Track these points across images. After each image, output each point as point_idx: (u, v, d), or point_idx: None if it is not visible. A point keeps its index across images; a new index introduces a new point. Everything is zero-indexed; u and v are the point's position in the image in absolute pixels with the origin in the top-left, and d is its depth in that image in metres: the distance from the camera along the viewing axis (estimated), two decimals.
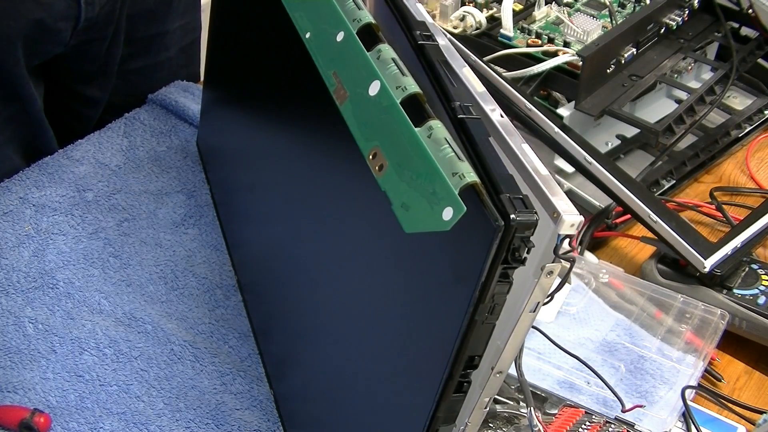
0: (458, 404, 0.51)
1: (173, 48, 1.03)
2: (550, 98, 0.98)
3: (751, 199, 0.96)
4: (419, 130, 0.50)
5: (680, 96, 1.01)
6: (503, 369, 0.52)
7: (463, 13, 1.02)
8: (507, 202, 0.45)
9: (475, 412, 0.54)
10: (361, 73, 0.55)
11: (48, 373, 0.72)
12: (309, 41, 0.62)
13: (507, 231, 0.45)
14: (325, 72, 0.59)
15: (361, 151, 0.54)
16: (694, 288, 0.81)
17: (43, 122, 0.94)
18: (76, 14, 0.88)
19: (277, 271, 0.75)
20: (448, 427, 0.52)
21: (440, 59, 0.56)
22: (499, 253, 0.45)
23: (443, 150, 0.49)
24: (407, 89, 0.52)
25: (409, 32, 0.58)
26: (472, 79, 0.56)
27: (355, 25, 0.58)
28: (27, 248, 0.82)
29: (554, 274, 0.48)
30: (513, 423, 0.69)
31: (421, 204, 0.49)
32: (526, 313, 0.49)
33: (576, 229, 0.47)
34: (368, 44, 0.56)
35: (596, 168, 0.84)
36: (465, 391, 0.51)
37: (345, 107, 0.56)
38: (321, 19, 0.61)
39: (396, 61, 0.54)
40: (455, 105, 0.52)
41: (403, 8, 0.60)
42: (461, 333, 0.48)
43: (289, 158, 0.71)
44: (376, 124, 0.54)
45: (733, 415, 0.74)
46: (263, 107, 0.77)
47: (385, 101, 0.53)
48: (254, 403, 0.71)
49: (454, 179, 0.47)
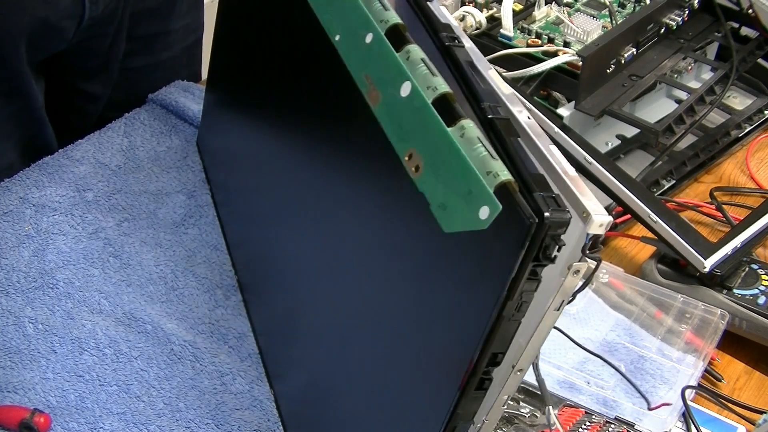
0: (478, 401, 0.51)
1: (176, 47, 1.03)
2: (550, 98, 0.98)
3: (751, 199, 0.96)
4: (451, 130, 0.50)
5: (680, 96, 1.01)
6: (524, 367, 0.52)
7: (463, 13, 1.02)
8: (540, 200, 0.45)
9: (493, 410, 0.54)
10: (392, 74, 0.55)
11: (48, 373, 0.72)
12: (339, 43, 0.62)
13: (540, 228, 0.45)
14: (357, 74, 0.59)
15: (396, 152, 0.54)
16: (694, 288, 0.81)
17: (43, 119, 0.94)
18: (81, 12, 0.88)
19: (278, 271, 0.75)
20: (467, 425, 0.52)
21: (467, 60, 0.56)
22: (531, 250, 0.45)
23: (476, 149, 0.48)
24: (438, 89, 0.52)
25: (435, 34, 0.58)
26: (498, 81, 0.56)
27: (382, 26, 0.57)
28: (27, 248, 0.82)
29: (580, 273, 0.48)
30: (513, 423, 0.69)
31: (458, 203, 0.49)
32: (550, 311, 0.49)
33: (605, 229, 0.47)
34: (396, 45, 0.56)
35: (596, 168, 0.84)
36: (486, 388, 0.51)
37: (379, 109, 0.56)
38: (349, 21, 0.61)
39: (425, 61, 0.54)
40: (485, 105, 0.52)
41: (427, 10, 0.60)
42: (488, 329, 0.48)
43: (305, 161, 0.70)
44: (409, 125, 0.53)
45: (733, 415, 0.74)
46: (279, 110, 0.76)
47: (416, 102, 0.53)
48: (254, 403, 0.71)
49: (489, 178, 0.47)
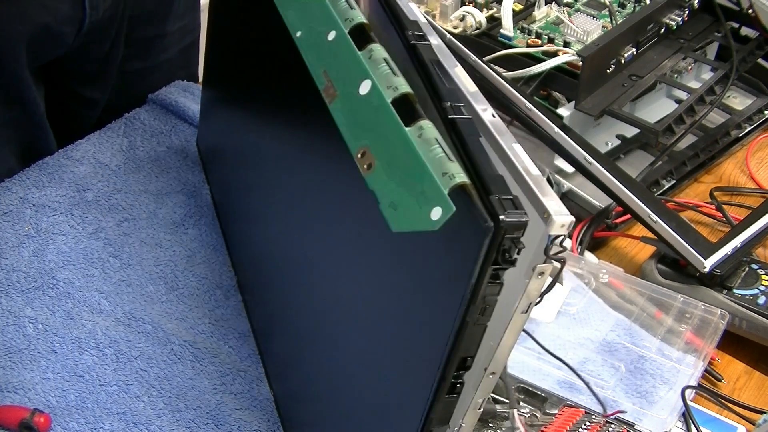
0: (452, 405, 0.51)
1: (172, 49, 1.03)
2: (550, 98, 0.98)
3: (751, 199, 0.96)
4: (409, 130, 0.50)
5: (680, 96, 1.01)
6: (496, 370, 0.52)
7: (463, 13, 1.02)
8: (497, 203, 0.45)
9: (469, 413, 0.54)
10: (352, 72, 0.55)
11: (48, 373, 0.72)
12: (299, 40, 0.62)
13: (497, 232, 0.44)
14: (314, 70, 0.59)
15: (349, 149, 0.54)
16: (694, 288, 0.81)
17: (44, 126, 0.94)
18: (81, 18, 0.88)
19: (276, 270, 0.75)
20: (442, 428, 0.52)
21: (432, 59, 0.55)
22: (489, 254, 0.45)
23: (433, 150, 0.48)
24: (398, 89, 0.52)
25: (402, 32, 0.57)
26: (465, 79, 0.56)
27: (347, 24, 0.57)
28: (27, 248, 0.82)
29: (545, 275, 0.48)
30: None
31: (410, 203, 0.49)
32: (518, 314, 0.49)
33: (566, 230, 0.47)
34: (360, 44, 0.56)
35: (596, 168, 0.84)
36: (458, 392, 0.50)
37: (334, 106, 0.56)
38: (312, 18, 0.61)
39: (388, 60, 0.54)
40: (446, 105, 0.51)
41: (395, 8, 0.59)
42: (453, 334, 0.47)
43: (283, 159, 0.71)
44: (366, 123, 0.53)
45: (733, 415, 0.74)
46: (259, 107, 0.77)
47: (375, 100, 0.53)
48: (254, 403, 0.71)
49: (444, 179, 0.47)
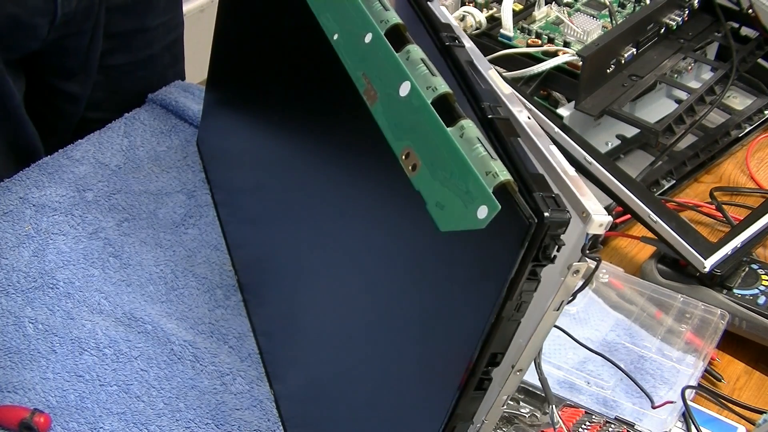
0: (477, 401, 0.51)
1: (156, 45, 1.03)
2: (550, 98, 0.98)
3: (751, 199, 0.96)
4: (451, 130, 0.50)
5: (680, 96, 1.01)
6: (523, 367, 0.52)
7: (463, 13, 1.02)
8: (540, 201, 0.45)
9: (492, 410, 0.54)
10: (391, 73, 0.55)
11: (48, 373, 0.72)
12: (337, 43, 0.62)
13: (539, 229, 0.45)
14: (354, 73, 0.59)
15: (393, 151, 0.54)
16: (694, 288, 0.81)
17: (22, 117, 0.93)
18: (53, 9, 0.87)
19: (277, 271, 0.75)
20: (465, 425, 0.52)
21: (467, 60, 0.56)
22: (530, 250, 0.45)
23: (476, 149, 0.48)
24: (438, 89, 0.52)
25: (436, 34, 0.58)
26: (499, 81, 0.56)
27: (382, 26, 0.57)
28: (27, 248, 0.82)
29: (580, 273, 0.48)
30: (513, 423, 0.69)
31: (456, 203, 0.49)
32: (550, 311, 0.49)
33: (605, 229, 0.47)
34: (396, 45, 0.56)
35: (596, 168, 0.84)
36: (485, 389, 0.51)
37: (375, 108, 0.56)
38: (348, 21, 0.61)
39: (425, 61, 0.54)
40: (484, 105, 0.52)
41: (427, 10, 0.60)
42: (487, 329, 0.48)
43: (303, 159, 0.70)
44: (408, 124, 0.54)
45: (733, 415, 0.74)
46: (277, 109, 0.76)
47: (415, 101, 0.53)
48: (254, 403, 0.71)
49: (488, 178, 0.47)
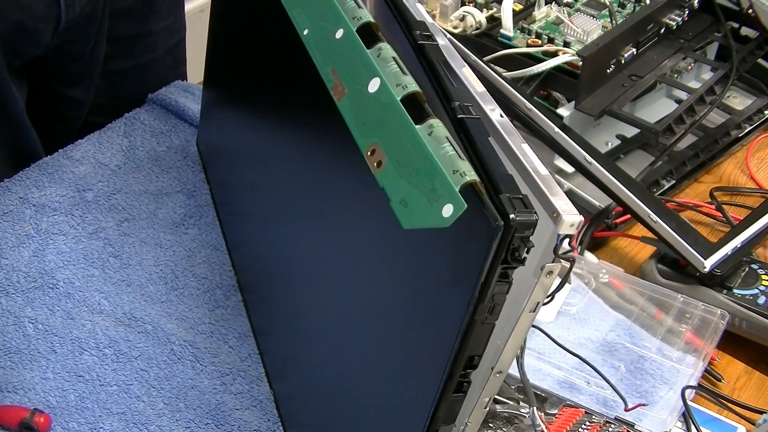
0: (458, 404, 0.51)
1: (158, 49, 1.03)
2: (550, 98, 0.98)
3: (751, 199, 0.96)
4: (419, 128, 0.50)
5: (680, 96, 1.01)
6: (503, 369, 0.52)
7: (463, 13, 1.02)
8: (507, 202, 0.45)
9: (475, 412, 0.54)
10: (361, 70, 0.55)
11: (48, 373, 0.72)
12: (307, 38, 0.62)
13: (506, 231, 0.44)
14: (322, 68, 0.59)
15: (359, 147, 0.54)
16: (694, 288, 0.81)
17: (24, 123, 0.93)
18: (57, 15, 0.87)
19: (276, 270, 0.75)
20: (448, 427, 0.52)
21: (440, 59, 0.55)
22: (499, 253, 0.45)
23: (444, 148, 0.48)
24: (407, 87, 0.52)
25: (409, 32, 0.57)
26: (472, 79, 0.56)
27: (354, 23, 0.57)
28: (27, 248, 0.82)
29: (554, 274, 0.48)
30: (513, 423, 0.69)
31: (421, 200, 0.49)
32: (526, 313, 0.49)
33: (576, 229, 0.47)
34: (368, 43, 0.56)
35: (596, 168, 0.84)
36: (465, 391, 0.51)
37: (343, 104, 0.56)
38: (320, 16, 0.61)
39: (396, 59, 0.54)
40: (455, 104, 0.51)
41: (402, 8, 0.60)
42: (461, 333, 0.48)
43: (288, 157, 0.71)
44: (375, 121, 0.53)
45: (733, 415, 0.74)
46: (263, 106, 0.77)
47: (384, 98, 0.53)
48: (254, 403, 0.71)
49: (455, 176, 0.47)
